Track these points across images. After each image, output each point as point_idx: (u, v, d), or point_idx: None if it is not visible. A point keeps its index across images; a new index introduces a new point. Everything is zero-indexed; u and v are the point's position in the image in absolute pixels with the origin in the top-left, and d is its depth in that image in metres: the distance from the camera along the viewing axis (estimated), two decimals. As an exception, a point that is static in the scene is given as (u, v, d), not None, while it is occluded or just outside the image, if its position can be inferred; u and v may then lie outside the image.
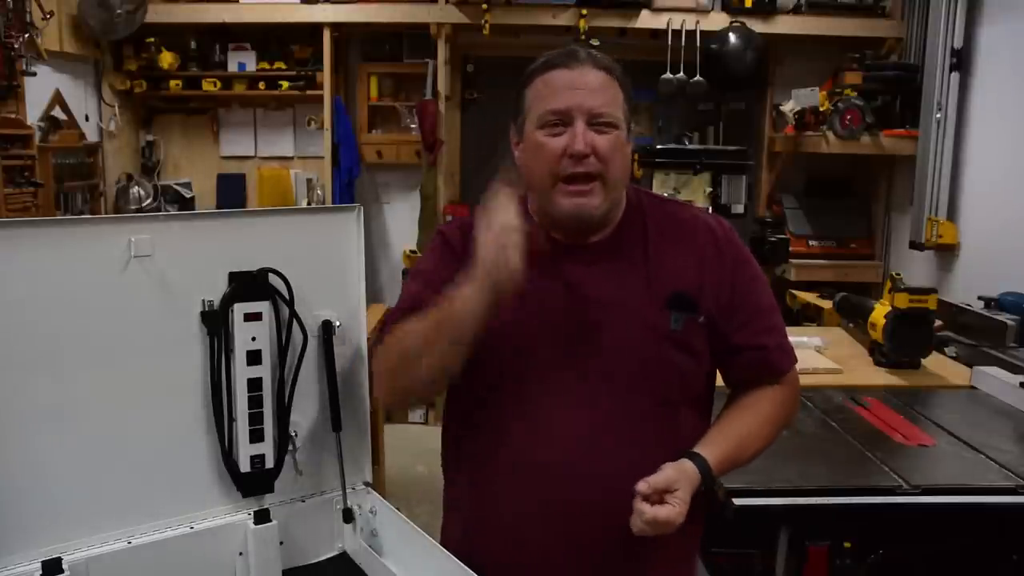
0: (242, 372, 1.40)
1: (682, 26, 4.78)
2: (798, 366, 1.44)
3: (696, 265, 1.34)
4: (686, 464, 1.26)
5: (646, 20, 4.81)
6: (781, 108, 4.98)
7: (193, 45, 5.01)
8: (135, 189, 4.96)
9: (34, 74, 3.94)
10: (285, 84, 4.97)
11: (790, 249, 4.48)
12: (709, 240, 1.36)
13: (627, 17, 4.78)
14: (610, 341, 1.30)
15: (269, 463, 1.44)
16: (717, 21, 4.84)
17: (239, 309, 1.39)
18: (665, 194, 3.73)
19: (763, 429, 1.37)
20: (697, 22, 4.80)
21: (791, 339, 1.43)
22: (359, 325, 1.54)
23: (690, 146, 4.91)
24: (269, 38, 5.01)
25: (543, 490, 1.29)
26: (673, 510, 1.20)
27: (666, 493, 1.21)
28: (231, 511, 1.43)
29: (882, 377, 2.71)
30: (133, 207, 4.87)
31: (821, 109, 4.59)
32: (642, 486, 1.20)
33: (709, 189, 4.56)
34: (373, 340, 1.42)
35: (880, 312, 2.78)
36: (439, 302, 1.23)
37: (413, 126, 5.06)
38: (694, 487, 1.25)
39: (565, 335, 1.30)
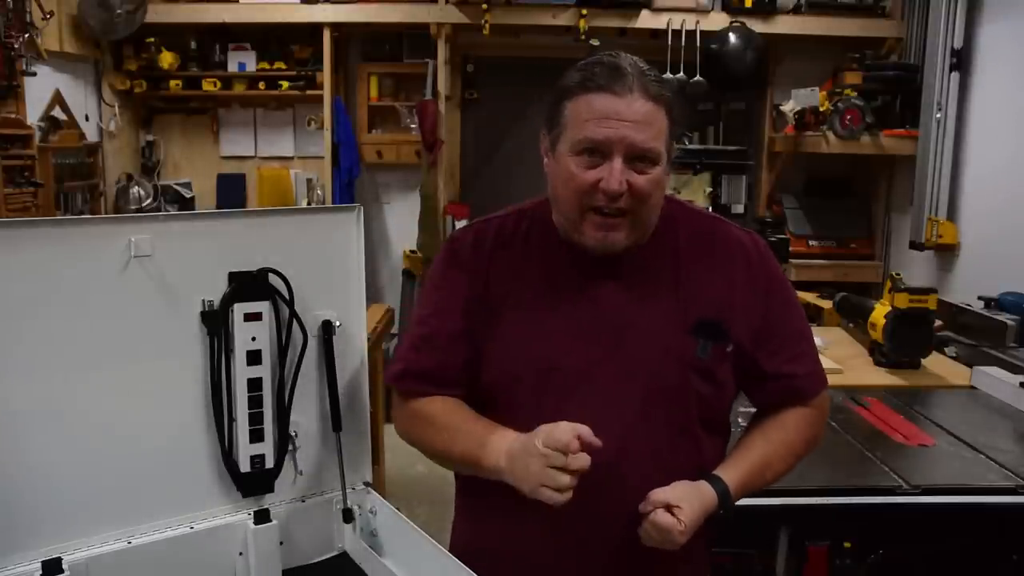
0: (242, 372, 1.40)
1: (682, 26, 4.78)
2: None
3: (727, 289, 1.29)
4: (702, 485, 1.24)
5: (646, 20, 4.81)
6: (781, 108, 4.98)
7: (193, 45, 5.01)
8: (135, 189, 4.96)
9: (34, 74, 3.94)
10: (285, 84, 4.97)
11: (790, 249, 4.48)
12: (742, 262, 1.32)
13: (627, 17, 4.78)
14: (633, 365, 1.26)
15: (269, 463, 1.44)
16: (717, 21, 4.84)
17: (239, 309, 1.39)
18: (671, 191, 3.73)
19: (786, 455, 1.33)
20: (697, 22, 4.80)
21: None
22: (359, 325, 1.54)
23: (690, 146, 4.92)
24: (269, 38, 5.01)
25: (558, 510, 1.26)
26: (675, 523, 1.18)
27: (671, 507, 1.19)
28: (231, 511, 1.43)
29: (882, 377, 2.71)
30: (133, 207, 4.87)
31: (821, 109, 4.59)
32: (643, 505, 1.21)
33: (709, 189, 4.56)
34: (393, 374, 1.38)
35: (880, 312, 2.78)
36: (471, 433, 1.27)
37: (413, 126, 5.06)
38: (707, 508, 1.23)
39: (588, 355, 1.27)
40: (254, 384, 1.41)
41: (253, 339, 1.40)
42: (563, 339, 1.28)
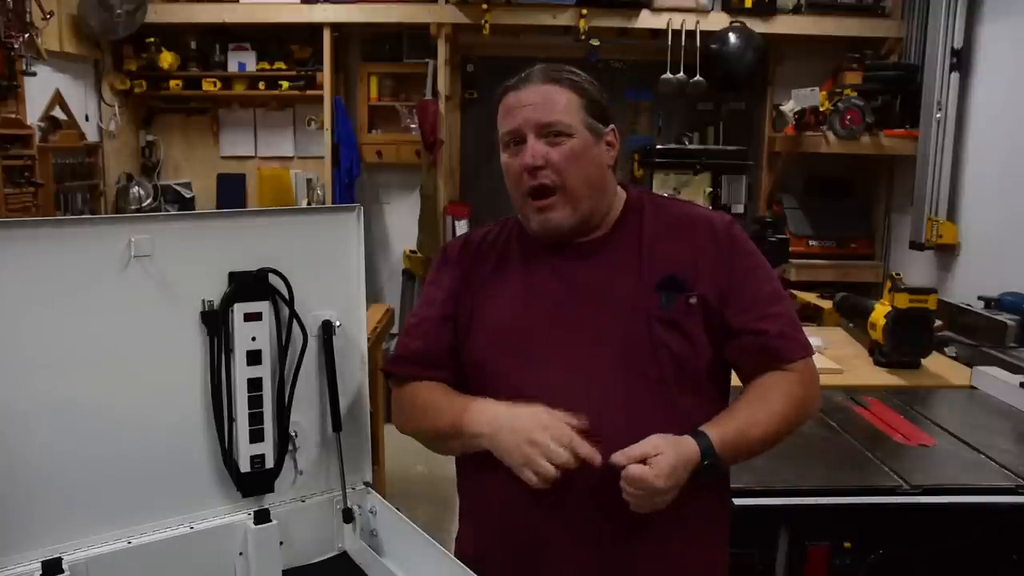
0: (242, 372, 1.40)
1: (682, 26, 4.78)
2: None
3: (692, 255, 1.35)
4: (683, 438, 1.25)
5: (646, 20, 4.81)
6: (781, 108, 4.98)
7: (193, 45, 5.01)
8: (135, 189, 4.96)
9: (34, 74, 3.94)
10: (285, 84, 4.97)
11: (790, 249, 4.48)
12: (707, 234, 1.37)
13: (627, 17, 4.78)
14: (604, 329, 1.32)
15: (269, 463, 1.44)
16: (717, 21, 4.84)
17: (239, 309, 1.39)
18: (666, 194, 3.74)
19: (772, 416, 1.32)
20: (697, 22, 4.80)
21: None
22: (359, 325, 1.54)
23: (690, 146, 4.92)
24: (269, 38, 5.01)
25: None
26: (647, 470, 1.19)
27: (645, 460, 1.20)
28: (231, 511, 1.43)
29: (882, 377, 2.71)
30: (133, 207, 4.87)
31: (821, 109, 4.59)
32: (618, 456, 1.21)
33: (709, 189, 4.57)
34: (387, 360, 1.49)
35: (880, 312, 2.78)
36: (457, 408, 1.33)
37: (413, 126, 5.06)
38: (687, 458, 1.23)
39: (561, 328, 1.33)
40: (254, 384, 1.41)
41: (253, 339, 1.40)
42: (539, 314, 1.36)
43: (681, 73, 4.85)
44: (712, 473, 1.26)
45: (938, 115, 4.18)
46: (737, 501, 1.69)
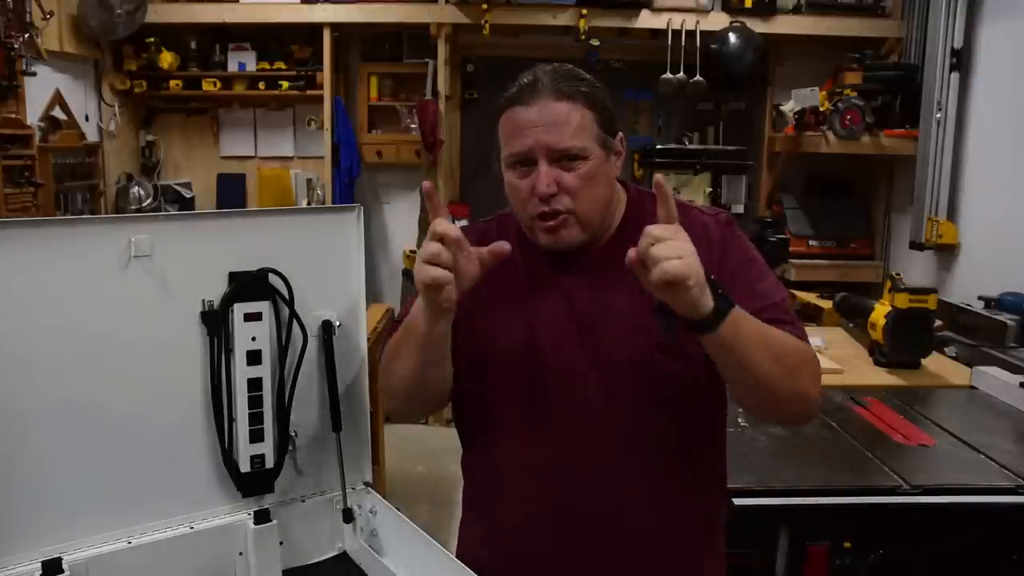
0: (242, 372, 1.40)
1: (682, 26, 4.78)
2: None
3: None
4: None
5: (646, 20, 4.82)
6: (781, 108, 4.98)
7: (193, 45, 5.01)
8: (135, 189, 4.96)
9: (34, 74, 3.94)
10: (285, 84, 4.98)
11: (790, 249, 4.48)
12: (702, 238, 1.30)
13: (627, 17, 4.79)
14: (606, 351, 1.29)
15: (269, 463, 1.44)
16: (717, 21, 4.84)
17: (239, 309, 1.39)
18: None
19: (783, 346, 1.21)
20: (697, 22, 4.80)
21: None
22: (359, 325, 1.54)
23: (690, 146, 4.93)
24: (269, 38, 5.02)
25: (552, 496, 1.29)
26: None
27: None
28: (231, 511, 1.43)
29: (882, 377, 2.72)
30: (133, 207, 4.87)
31: (821, 109, 4.59)
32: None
33: (709, 189, 4.58)
34: (380, 356, 1.45)
35: (880, 312, 2.78)
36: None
37: (413, 126, 5.06)
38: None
39: (566, 346, 1.30)
40: (254, 384, 1.41)
41: (253, 339, 1.40)
42: (537, 331, 1.31)
43: (681, 73, 4.86)
44: (722, 311, 1.12)
45: (938, 115, 4.18)
46: (737, 501, 1.70)
